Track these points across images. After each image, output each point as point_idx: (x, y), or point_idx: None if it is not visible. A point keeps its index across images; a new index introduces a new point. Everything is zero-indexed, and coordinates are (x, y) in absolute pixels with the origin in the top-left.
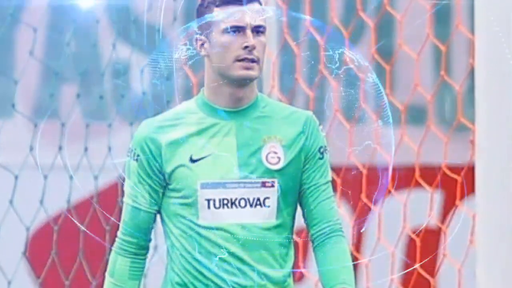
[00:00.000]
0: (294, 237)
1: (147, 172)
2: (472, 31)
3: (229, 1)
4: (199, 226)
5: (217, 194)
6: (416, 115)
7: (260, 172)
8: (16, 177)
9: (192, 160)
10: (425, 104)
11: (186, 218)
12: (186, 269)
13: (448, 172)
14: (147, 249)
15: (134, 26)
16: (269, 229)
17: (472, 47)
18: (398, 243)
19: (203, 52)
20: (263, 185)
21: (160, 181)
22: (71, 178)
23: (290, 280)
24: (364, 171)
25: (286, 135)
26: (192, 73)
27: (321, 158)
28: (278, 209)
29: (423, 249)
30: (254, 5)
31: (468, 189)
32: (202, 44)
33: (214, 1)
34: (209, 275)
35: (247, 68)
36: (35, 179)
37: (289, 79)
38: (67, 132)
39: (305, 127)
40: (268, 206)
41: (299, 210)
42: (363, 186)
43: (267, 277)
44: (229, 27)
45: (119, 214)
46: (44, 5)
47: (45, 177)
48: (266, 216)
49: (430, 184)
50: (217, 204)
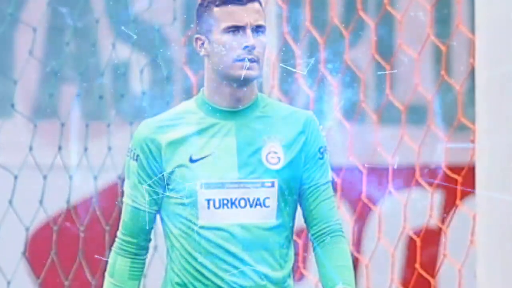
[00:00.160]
0: (294, 237)
1: (147, 172)
2: (473, 31)
3: (229, 1)
4: (199, 226)
5: (217, 194)
6: (416, 115)
7: (260, 172)
8: (16, 177)
9: (192, 160)
10: (425, 104)
11: (186, 218)
12: (186, 269)
13: (448, 172)
14: (147, 249)
15: (134, 26)
16: (269, 229)
17: (473, 47)
18: (398, 243)
19: (203, 52)
20: (263, 185)
21: (160, 181)
22: (71, 178)
23: (290, 280)
24: (364, 171)
25: (286, 135)
26: (192, 73)
27: (321, 158)
28: (278, 209)
29: (423, 249)
30: (254, 5)
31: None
32: (202, 44)
33: (214, 1)
34: (209, 275)
35: (247, 68)
36: (35, 179)
37: (289, 80)
38: (67, 132)
39: (305, 127)
40: (268, 206)
41: (299, 210)
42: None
43: (267, 277)
44: (229, 27)
45: (119, 214)
46: (44, 5)
47: (45, 177)
48: (266, 216)
49: (430, 184)
50: (217, 204)
